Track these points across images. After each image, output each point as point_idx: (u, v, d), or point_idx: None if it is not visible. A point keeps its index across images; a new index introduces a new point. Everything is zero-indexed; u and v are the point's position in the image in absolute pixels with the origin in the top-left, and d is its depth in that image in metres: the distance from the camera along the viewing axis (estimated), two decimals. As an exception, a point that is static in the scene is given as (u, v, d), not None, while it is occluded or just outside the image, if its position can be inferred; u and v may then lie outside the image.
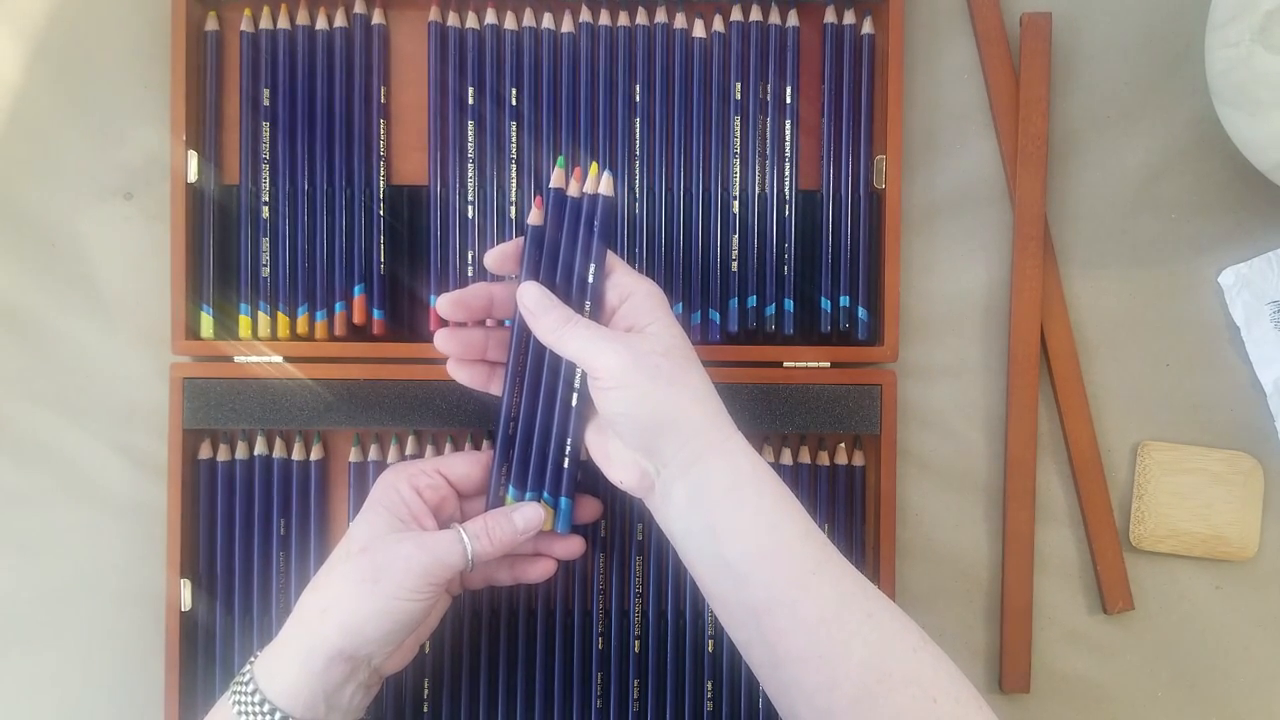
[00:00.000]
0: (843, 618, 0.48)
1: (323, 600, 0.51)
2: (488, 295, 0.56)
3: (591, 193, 0.55)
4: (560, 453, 0.55)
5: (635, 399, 0.50)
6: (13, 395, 0.65)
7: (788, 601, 0.48)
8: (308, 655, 0.50)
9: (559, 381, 0.55)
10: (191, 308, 0.62)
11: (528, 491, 0.56)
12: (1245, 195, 0.66)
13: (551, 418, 0.55)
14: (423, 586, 0.51)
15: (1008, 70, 0.66)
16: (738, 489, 0.50)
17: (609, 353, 0.50)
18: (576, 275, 0.54)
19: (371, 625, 0.50)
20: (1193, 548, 0.66)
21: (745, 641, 0.50)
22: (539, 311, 0.53)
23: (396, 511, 0.53)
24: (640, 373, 0.50)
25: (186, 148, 0.62)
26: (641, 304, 0.53)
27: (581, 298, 0.54)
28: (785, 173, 0.64)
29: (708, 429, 0.51)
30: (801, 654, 0.47)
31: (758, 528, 0.49)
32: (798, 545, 0.49)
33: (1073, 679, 0.67)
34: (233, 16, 0.63)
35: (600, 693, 0.63)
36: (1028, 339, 0.65)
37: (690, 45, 0.63)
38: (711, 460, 0.50)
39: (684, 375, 0.51)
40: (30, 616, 0.65)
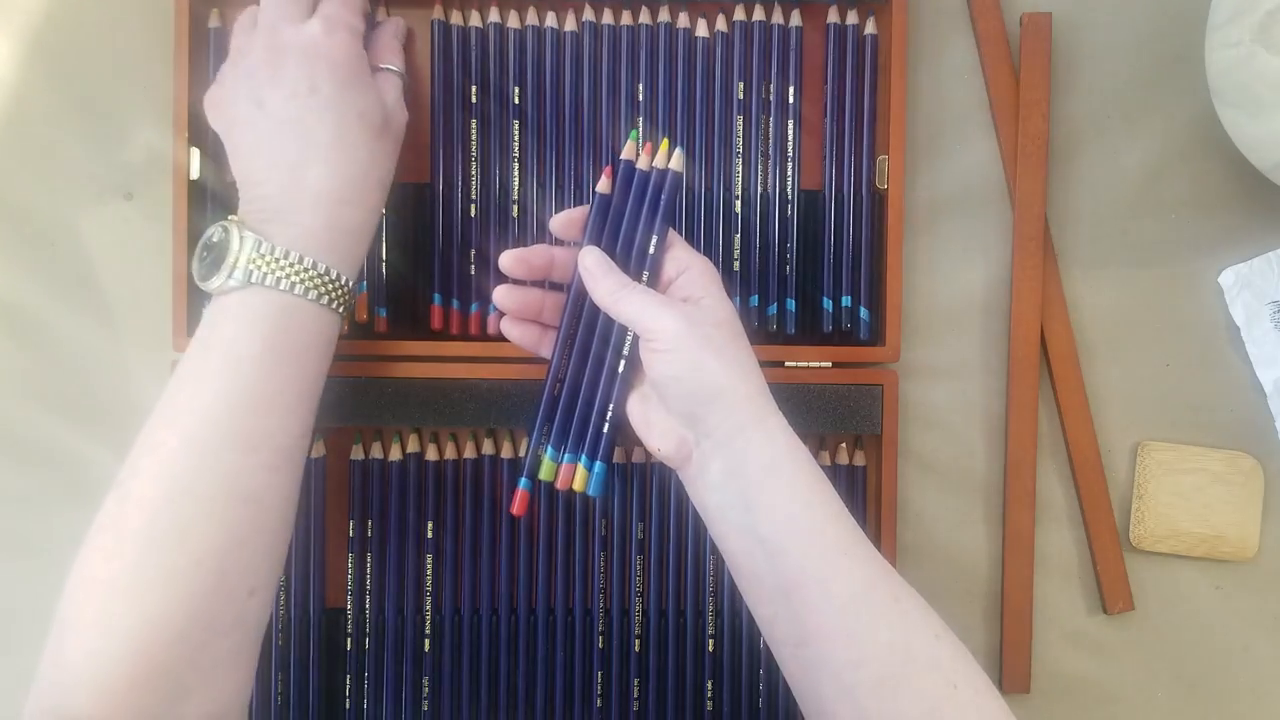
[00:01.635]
0: (871, 598, 0.49)
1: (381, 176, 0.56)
2: (549, 256, 0.57)
3: (661, 168, 0.57)
4: (601, 418, 0.56)
5: (687, 364, 0.51)
6: (13, 395, 0.65)
7: (820, 579, 0.49)
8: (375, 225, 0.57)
9: (608, 348, 0.56)
10: (192, 305, 0.62)
11: (566, 453, 0.56)
12: (1245, 195, 0.66)
13: (597, 383, 0.56)
14: None
15: (1008, 70, 0.66)
16: (776, 465, 0.50)
17: (666, 316, 0.51)
18: (637, 245, 0.56)
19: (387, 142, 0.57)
20: (1193, 548, 0.66)
21: (770, 617, 0.51)
22: (599, 274, 0.54)
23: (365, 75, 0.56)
24: (693, 339, 0.51)
25: (189, 145, 0.62)
26: (697, 278, 0.55)
27: (640, 267, 0.56)
28: (787, 172, 0.64)
29: (751, 404, 0.51)
30: (831, 631, 0.48)
31: (794, 504, 0.50)
32: (831, 525, 0.50)
33: (1073, 679, 0.67)
34: (236, 14, 0.63)
35: (600, 693, 0.63)
36: (1028, 339, 0.65)
37: (693, 45, 0.63)
38: (752, 434, 0.51)
39: (734, 348, 0.52)
40: (30, 617, 0.65)
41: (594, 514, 0.63)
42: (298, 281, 0.51)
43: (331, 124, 0.54)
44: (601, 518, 0.63)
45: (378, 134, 0.56)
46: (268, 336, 0.51)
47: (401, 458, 0.63)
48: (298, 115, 0.53)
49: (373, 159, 0.55)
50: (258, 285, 0.51)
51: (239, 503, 0.49)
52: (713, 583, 0.64)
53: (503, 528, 0.63)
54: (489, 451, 0.63)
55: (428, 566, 0.63)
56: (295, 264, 0.51)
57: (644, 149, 0.57)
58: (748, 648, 0.63)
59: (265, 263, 0.51)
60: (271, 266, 0.51)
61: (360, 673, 0.63)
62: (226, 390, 0.50)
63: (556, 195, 0.63)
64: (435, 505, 0.63)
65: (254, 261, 0.51)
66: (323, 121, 0.54)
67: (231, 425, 0.49)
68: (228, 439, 0.49)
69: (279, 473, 0.51)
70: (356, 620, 0.63)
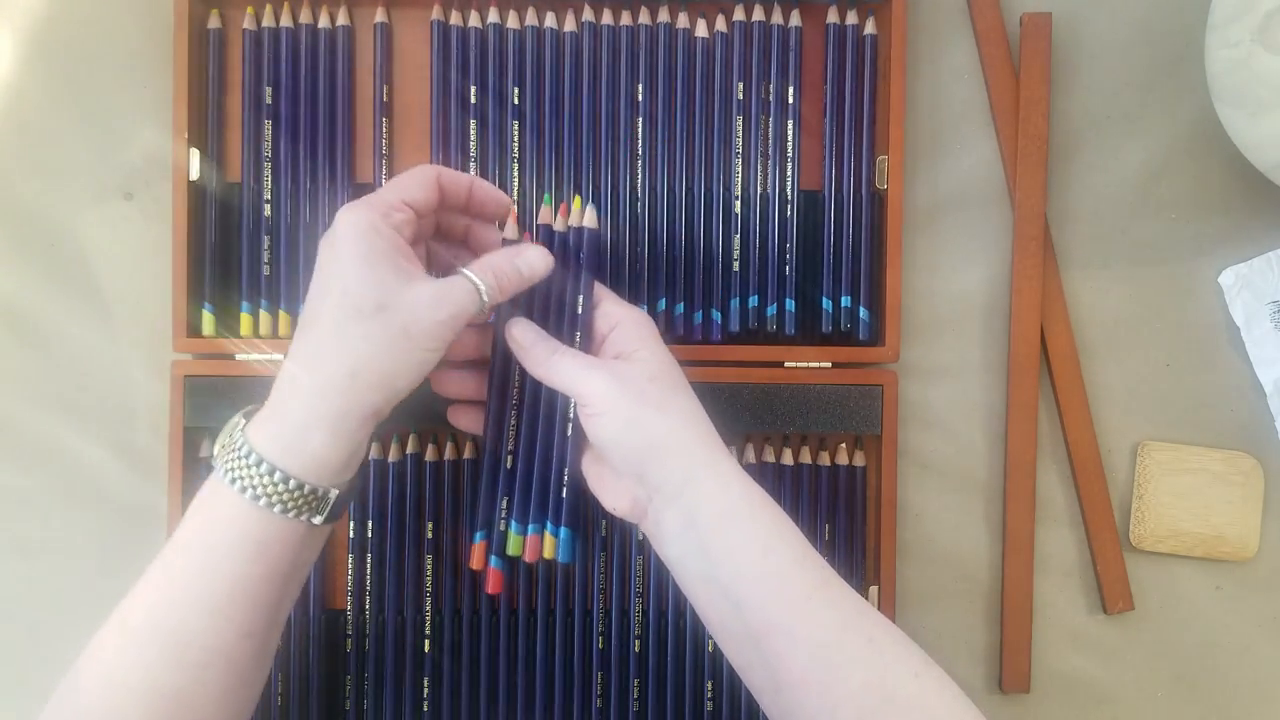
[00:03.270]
0: (843, 641, 0.47)
1: (349, 363, 0.47)
2: (479, 333, 0.57)
3: (577, 226, 0.56)
4: (559, 483, 0.55)
5: (622, 424, 0.50)
6: (13, 395, 0.65)
7: (785, 626, 0.48)
8: (339, 420, 0.48)
9: (555, 413, 0.55)
10: (192, 305, 0.62)
11: (530, 524, 0.56)
12: (1245, 195, 0.66)
13: (549, 450, 0.55)
14: (449, 335, 0.49)
15: (1008, 70, 0.66)
16: (730, 513, 0.50)
17: (595, 379, 0.51)
18: (567, 307, 0.55)
19: (404, 380, 0.49)
20: (1193, 548, 0.66)
21: (745, 665, 0.50)
22: (528, 343, 0.53)
23: (392, 258, 0.49)
24: (626, 398, 0.50)
25: (189, 145, 0.62)
26: (629, 331, 0.54)
27: (572, 329, 0.55)
28: (787, 173, 0.64)
29: (697, 453, 0.51)
30: (802, 678, 0.47)
31: (751, 551, 0.49)
32: (794, 569, 0.49)
33: (1073, 679, 0.67)
34: (235, 14, 0.63)
35: (600, 693, 0.63)
36: (1028, 339, 0.65)
37: (693, 45, 0.63)
38: (703, 484, 0.50)
39: (672, 400, 0.51)
40: (30, 616, 0.65)
41: (594, 514, 0.63)
42: (239, 476, 0.47)
43: (309, 302, 0.50)
44: (602, 518, 0.63)
45: (356, 316, 0.48)
46: (198, 528, 0.48)
47: (401, 458, 0.63)
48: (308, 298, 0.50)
49: (341, 344, 0.48)
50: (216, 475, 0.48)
51: (161, 698, 0.46)
52: (712, 583, 0.64)
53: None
54: (489, 452, 0.64)
55: (428, 566, 0.63)
56: (241, 458, 0.47)
57: (560, 211, 0.57)
58: (747, 648, 0.63)
59: (225, 453, 0.48)
60: (225, 457, 0.48)
61: (360, 673, 0.63)
62: (159, 582, 0.47)
63: (555, 196, 0.63)
64: (435, 505, 0.63)
65: (220, 451, 0.49)
66: (307, 299, 0.50)
67: (155, 618, 0.47)
68: (152, 632, 0.46)
69: (209, 670, 0.47)
70: (356, 620, 0.63)
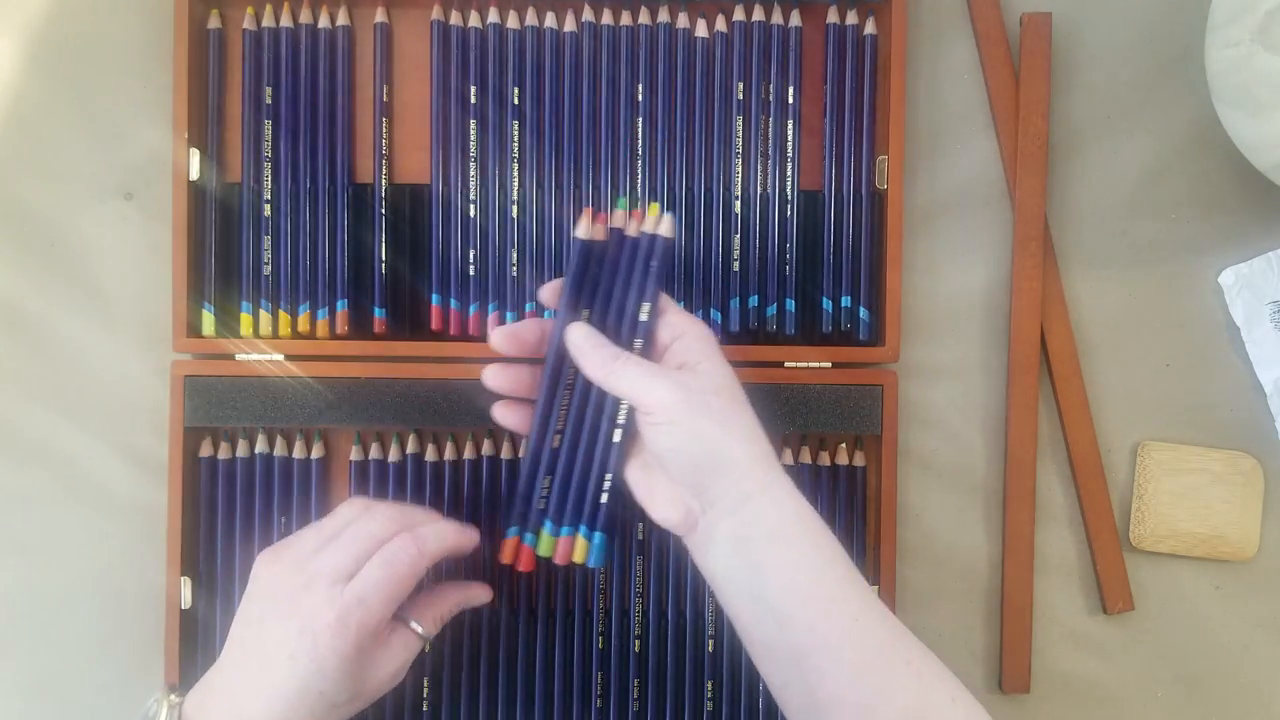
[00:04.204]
0: (884, 664, 0.48)
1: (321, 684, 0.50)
2: (540, 330, 0.56)
3: (650, 232, 0.55)
4: (599, 488, 0.55)
5: (685, 435, 0.50)
6: (13, 395, 0.65)
7: (830, 645, 0.48)
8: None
9: (602, 416, 0.55)
10: (193, 305, 0.62)
11: (564, 526, 0.55)
12: (1245, 195, 0.66)
13: (593, 453, 0.55)
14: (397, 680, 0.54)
15: (1008, 71, 0.66)
16: (784, 531, 0.50)
17: (661, 388, 0.50)
18: (629, 313, 0.54)
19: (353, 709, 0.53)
20: (1193, 548, 0.66)
21: (782, 684, 0.50)
22: (588, 349, 0.53)
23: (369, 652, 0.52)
24: (691, 409, 0.50)
25: (189, 146, 0.62)
26: (693, 344, 0.53)
27: (632, 335, 0.54)
28: (787, 173, 0.64)
29: (756, 469, 0.50)
30: (842, 698, 0.47)
31: (803, 571, 0.49)
32: (842, 590, 0.49)
33: (1073, 679, 0.67)
34: (235, 14, 0.63)
35: (600, 693, 0.63)
36: (1028, 339, 0.65)
37: (693, 45, 0.63)
38: (759, 501, 0.50)
39: (734, 414, 0.51)
40: (30, 616, 0.65)
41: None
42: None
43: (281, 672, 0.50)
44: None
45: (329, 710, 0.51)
46: None
47: (401, 458, 0.63)
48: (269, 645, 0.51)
49: None
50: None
51: None
52: (712, 583, 0.64)
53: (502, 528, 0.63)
54: (489, 452, 0.63)
55: (427, 567, 0.63)
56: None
57: (633, 215, 0.56)
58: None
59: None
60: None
61: (360, 673, 0.63)
62: None
63: (556, 196, 0.63)
64: (435, 505, 0.63)
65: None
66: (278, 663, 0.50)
67: None
68: None
69: None
70: (356, 620, 0.63)
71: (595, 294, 0.55)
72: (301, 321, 0.63)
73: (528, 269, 0.63)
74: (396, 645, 0.53)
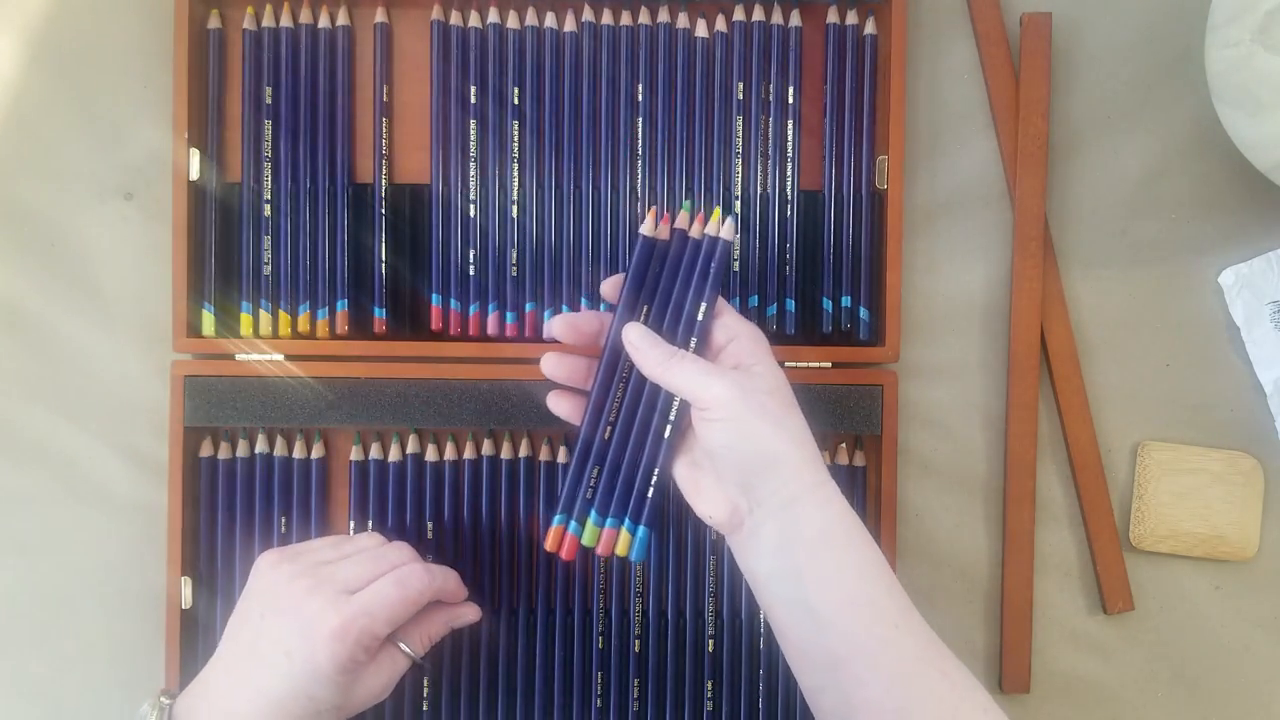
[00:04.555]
0: (921, 673, 0.48)
1: (311, 688, 0.51)
2: (599, 322, 0.57)
3: (713, 235, 0.56)
4: (646, 482, 0.55)
5: (740, 433, 0.50)
6: (13, 395, 0.65)
7: (869, 652, 0.48)
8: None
9: (653, 413, 0.55)
10: (193, 305, 0.62)
11: (609, 518, 0.56)
12: (1245, 195, 0.66)
13: (642, 447, 0.55)
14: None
15: (1008, 71, 0.66)
16: (830, 536, 0.50)
17: (719, 385, 0.51)
18: (686, 312, 0.55)
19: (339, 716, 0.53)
20: (1192, 548, 0.66)
21: (817, 688, 0.50)
22: (645, 346, 0.53)
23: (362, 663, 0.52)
24: (748, 407, 0.50)
25: (189, 145, 0.62)
26: (747, 345, 0.54)
27: (689, 334, 0.55)
28: (787, 173, 0.64)
29: (805, 471, 0.51)
30: (878, 706, 0.48)
31: (846, 576, 0.50)
32: (884, 597, 0.50)
33: (1073, 679, 0.67)
34: (235, 14, 0.63)
35: (600, 693, 0.63)
36: (1028, 339, 0.65)
37: (693, 45, 0.63)
38: (807, 503, 0.50)
39: (788, 417, 0.52)
40: (30, 616, 0.65)
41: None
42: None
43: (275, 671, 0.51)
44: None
45: (316, 715, 0.52)
46: None
47: (401, 458, 0.63)
48: (266, 643, 0.51)
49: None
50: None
51: None
52: (713, 583, 0.64)
53: (502, 527, 0.64)
54: (489, 452, 0.63)
55: (428, 567, 0.63)
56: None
57: (697, 218, 0.57)
58: (748, 648, 0.63)
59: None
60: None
61: (360, 673, 0.63)
62: None
63: (555, 196, 0.63)
64: (435, 505, 0.63)
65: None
66: (274, 660, 0.51)
67: None
68: None
69: None
70: (356, 620, 0.63)
71: (655, 291, 0.56)
72: (301, 321, 0.63)
73: (528, 269, 0.63)
74: (384, 663, 0.54)
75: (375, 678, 0.54)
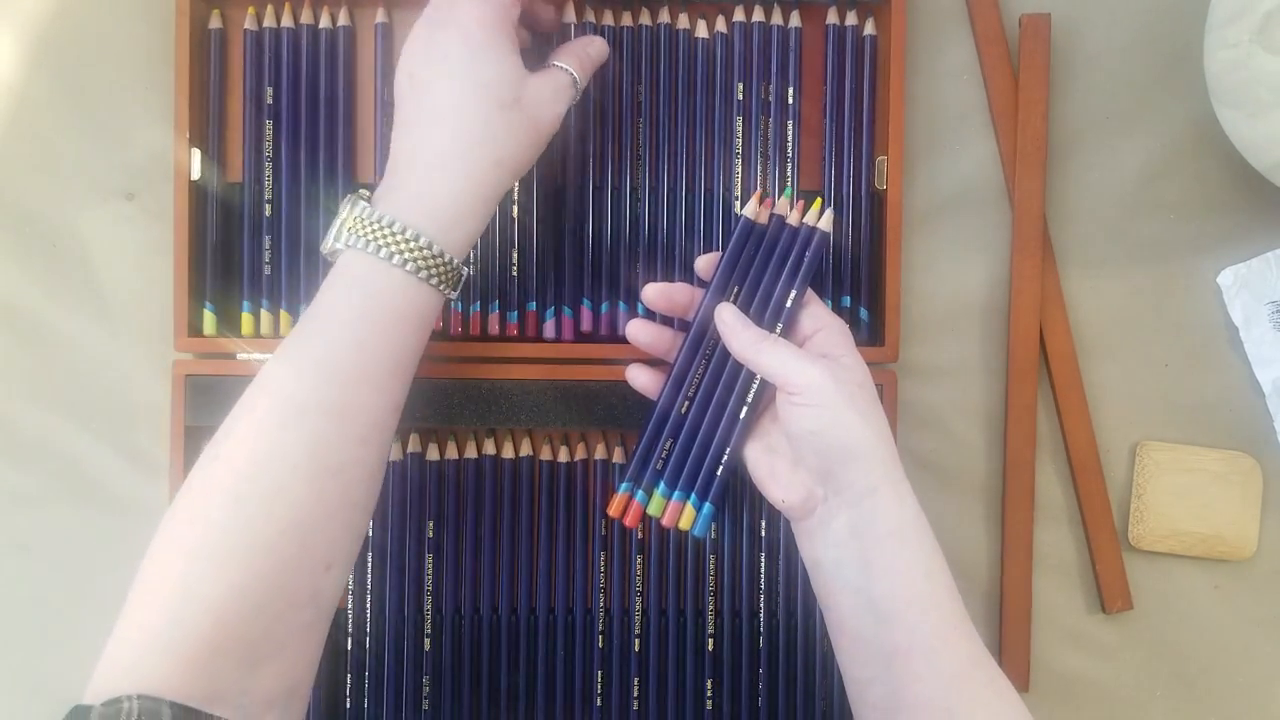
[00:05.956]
0: (973, 677, 0.49)
1: (495, 153, 0.52)
2: (691, 295, 0.58)
3: (812, 225, 0.57)
4: (717, 460, 0.56)
5: (829, 420, 0.51)
6: (13, 395, 0.65)
7: (927, 650, 0.49)
8: (485, 202, 0.52)
9: (731, 394, 0.56)
10: (194, 305, 0.62)
11: (676, 491, 0.56)
12: (1245, 195, 0.66)
13: (716, 426, 0.56)
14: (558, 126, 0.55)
15: (1007, 71, 0.66)
16: (902, 531, 0.51)
17: (813, 371, 0.51)
18: (775, 298, 0.56)
19: (528, 167, 0.55)
20: (1191, 547, 0.66)
21: (865, 679, 0.51)
22: (739, 327, 0.54)
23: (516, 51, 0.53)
24: (839, 396, 0.51)
25: (190, 145, 0.62)
26: (835, 337, 0.55)
27: (776, 319, 0.56)
28: (787, 173, 0.64)
29: (884, 465, 0.51)
30: (928, 704, 0.48)
31: (914, 572, 0.50)
32: (945, 598, 0.50)
33: (1072, 679, 0.67)
34: (236, 15, 0.63)
35: (600, 692, 0.63)
36: (1027, 339, 0.66)
37: (693, 45, 0.63)
38: (883, 496, 0.51)
39: (873, 410, 0.53)
40: (30, 616, 0.65)
41: (594, 514, 0.63)
42: (388, 247, 0.49)
43: (445, 90, 0.52)
44: (601, 516, 0.63)
45: (500, 108, 0.52)
46: (359, 305, 0.50)
47: (401, 458, 0.63)
48: (426, 80, 0.52)
49: (487, 132, 0.52)
50: (358, 250, 0.50)
51: (327, 474, 0.47)
52: (713, 583, 0.64)
53: (503, 527, 0.64)
54: (489, 451, 0.64)
55: (428, 566, 0.63)
56: (387, 230, 0.50)
57: (796, 207, 0.57)
58: (748, 648, 0.64)
59: (363, 227, 0.50)
60: (367, 231, 0.50)
61: (360, 672, 0.63)
62: (319, 358, 0.48)
63: (556, 196, 0.63)
64: (435, 505, 0.63)
65: (353, 227, 0.50)
66: (439, 87, 0.52)
67: (320, 394, 0.48)
68: (318, 408, 0.47)
69: (367, 445, 0.49)
70: (356, 620, 0.63)
71: (747, 274, 0.57)
72: (302, 321, 0.63)
73: (528, 269, 0.63)
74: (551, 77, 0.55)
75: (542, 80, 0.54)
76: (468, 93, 0.51)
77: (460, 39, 0.51)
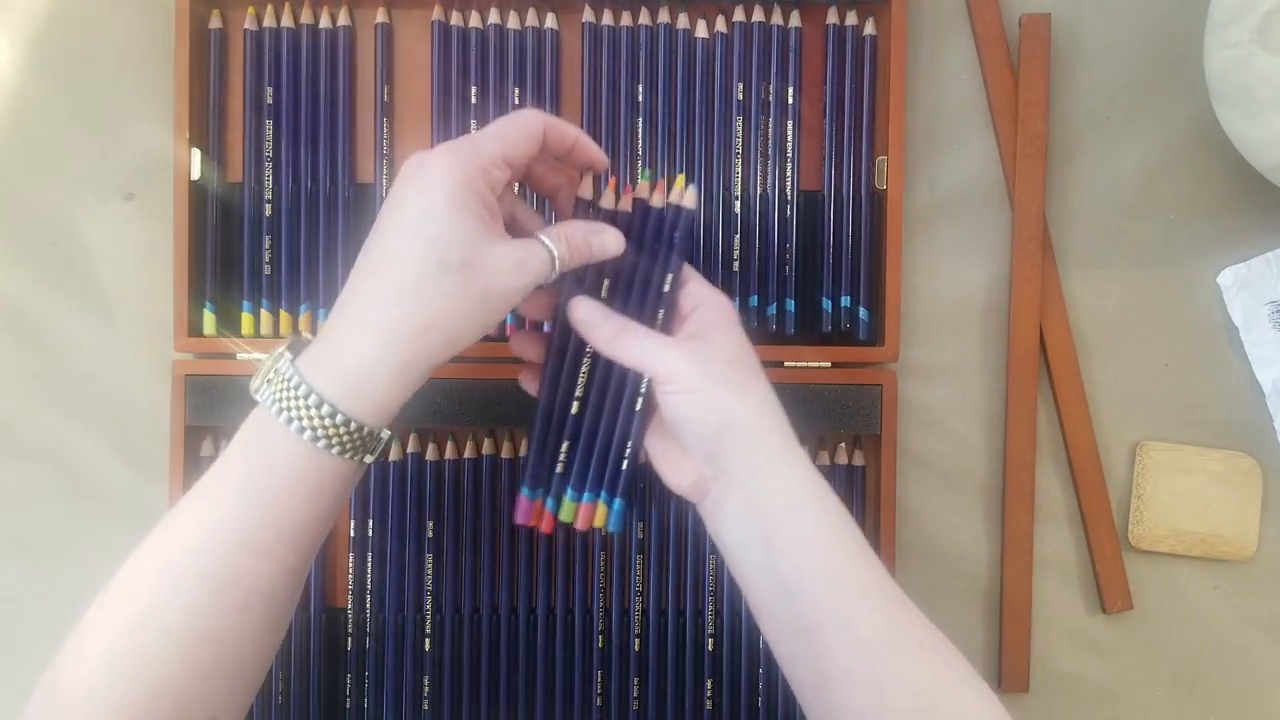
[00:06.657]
0: (895, 641, 0.47)
1: (425, 318, 0.47)
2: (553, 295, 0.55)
3: (675, 204, 0.55)
4: (620, 455, 0.55)
5: (700, 403, 0.50)
6: (13, 395, 0.65)
7: (840, 621, 0.47)
8: (405, 370, 0.47)
9: (624, 387, 0.55)
10: (194, 305, 0.62)
11: (585, 492, 0.55)
12: (1245, 195, 0.66)
13: (614, 421, 0.55)
14: (519, 300, 0.50)
15: (1007, 71, 0.66)
16: (797, 503, 0.49)
17: (674, 358, 0.50)
18: (653, 283, 0.55)
19: (470, 339, 0.49)
20: (1191, 547, 0.66)
21: (790, 657, 0.50)
22: (594, 322, 0.52)
23: (481, 215, 0.48)
24: (706, 378, 0.50)
25: (190, 145, 0.62)
26: (709, 314, 0.53)
27: (656, 305, 0.54)
28: (787, 173, 0.64)
29: (770, 440, 0.50)
30: (850, 674, 0.47)
31: (815, 544, 0.49)
32: (854, 565, 0.49)
33: (1072, 678, 0.67)
34: (236, 15, 0.63)
35: (600, 692, 0.63)
36: (1027, 339, 0.66)
37: (693, 45, 0.63)
38: (773, 471, 0.50)
39: (750, 384, 0.51)
40: (30, 616, 0.65)
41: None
42: (288, 411, 0.46)
43: (392, 240, 0.48)
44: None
45: (440, 268, 0.46)
46: (253, 466, 0.47)
47: (401, 458, 0.63)
48: (382, 228, 0.48)
49: (420, 292, 0.46)
50: (265, 407, 0.47)
51: (202, 641, 0.45)
52: (713, 583, 0.64)
53: (503, 527, 0.64)
54: (489, 451, 0.64)
55: (428, 566, 0.63)
56: (294, 391, 0.46)
57: (657, 187, 0.56)
58: (748, 648, 0.64)
59: (275, 382, 0.47)
60: (275, 388, 0.47)
61: (360, 672, 0.63)
62: (203, 519, 0.46)
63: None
64: (435, 505, 0.63)
65: (271, 378, 0.47)
66: (389, 236, 0.48)
67: (201, 560, 0.45)
68: (197, 575, 0.45)
69: (249, 612, 0.46)
70: (356, 620, 0.63)
71: (619, 264, 0.55)
72: (302, 321, 0.63)
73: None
74: (519, 247, 0.49)
75: (505, 249, 0.48)
76: (410, 246, 0.47)
77: (418, 192, 0.48)
